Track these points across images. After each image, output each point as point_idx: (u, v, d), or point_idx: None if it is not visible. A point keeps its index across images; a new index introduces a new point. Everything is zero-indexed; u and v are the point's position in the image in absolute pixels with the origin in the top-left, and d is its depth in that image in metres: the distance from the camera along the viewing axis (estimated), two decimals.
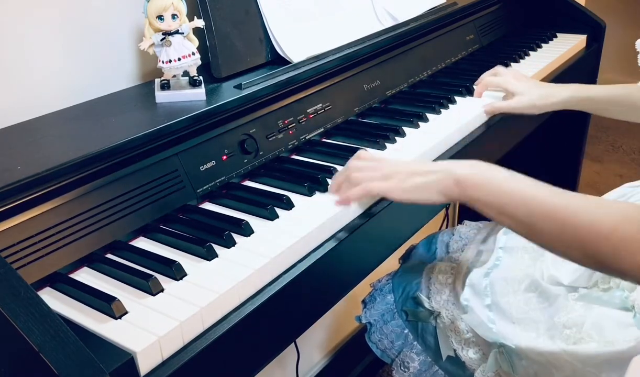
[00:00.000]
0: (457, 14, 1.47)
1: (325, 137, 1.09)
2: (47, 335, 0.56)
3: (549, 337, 0.92)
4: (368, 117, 1.18)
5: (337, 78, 1.13)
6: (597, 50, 1.70)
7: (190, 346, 0.65)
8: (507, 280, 1.01)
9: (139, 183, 0.82)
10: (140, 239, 0.81)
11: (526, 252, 1.05)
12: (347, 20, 1.23)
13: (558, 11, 1.74)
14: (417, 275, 1.14)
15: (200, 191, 0.88)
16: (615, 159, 3.16)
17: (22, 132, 0.86)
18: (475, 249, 1.15)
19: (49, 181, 0.73)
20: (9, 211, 0.70)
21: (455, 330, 1.03)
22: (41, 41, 0.92)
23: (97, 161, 0.78)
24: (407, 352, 1.08)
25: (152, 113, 0.91)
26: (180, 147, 0.87)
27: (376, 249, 0.93)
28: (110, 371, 0.57)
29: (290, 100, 1.04)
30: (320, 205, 0.87)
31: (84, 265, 0.76)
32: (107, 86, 1.00)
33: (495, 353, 0.97)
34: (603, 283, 0.93)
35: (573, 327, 0.91)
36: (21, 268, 0.69)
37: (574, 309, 0.92)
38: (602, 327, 0.88)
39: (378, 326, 1.11)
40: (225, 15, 1.03)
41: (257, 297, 0.72)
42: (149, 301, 0.68)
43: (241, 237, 0.80)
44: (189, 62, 0.95)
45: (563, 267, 0.97)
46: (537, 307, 0.96)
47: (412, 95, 1.27)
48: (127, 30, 1.03)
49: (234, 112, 0.95)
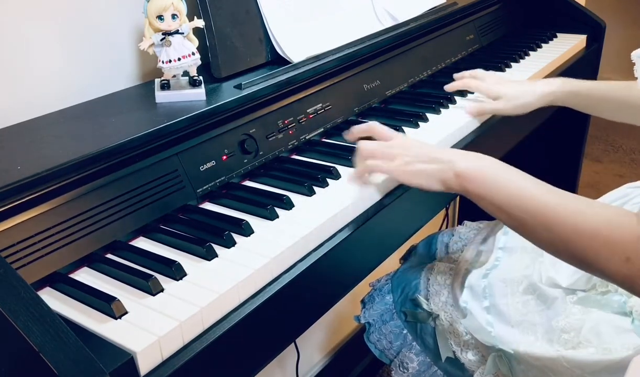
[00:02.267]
0: (457, 14, 1.47)
1: (325, 137, 1.09)
2: (47, 335, 0.56)
3: (547, 341, 0.92)
4: (368, 117, 1.18)
5: (337, 78, 1.13)
6: (597, 50, 1.70)
7: (190, 346, 0.65)
8: (506, 281, 1.01)
9: (138, 183, 0.82)
10: (140, 239, 0.81)
11: (525, 252, 1.05)
12: (347, 20, 1.23)
13: (558, 11, 1.74)
14: (416, 275, 1.14)
15: (200, 191, 0.88)
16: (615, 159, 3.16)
17: (22, 132, 0.86)
18: (475, 250, 1.15)
19: (49, 181, 0.73)
20: (9, 211, 0.70)
21: (454, 332, 1.03)
22: (41, 41, 0.92)
23: (97, 161, 0.78)
24: (406, 353, 1.08)
25: (152, 113, 0.91)
26: (180, 147, 0.87)
27: (376, 249, 0.93)
28: (110, 371, 0.57)
29: (290, 100, 1.04)
30: (320, 205, 0.87)
31: (84, 265, 0.76)
32: (107, 86, 1.00)
33: (494, 356, 0.97)
34: (601, 286, 0.93)
35: (571, 331, 0.90)
36: (21, 268, 0.69)
37: (572, 313, 0.92)
38: (600, 332, 0.88)
39: (377, 326, 1.11)
40: (225, 15, 1.03)
41: (257, 297, 0.72)
42: (149, 301, 0.68)
43: (241, 237, 0.80)
44: (189, 62, 0.95)
45: (562, 269, 0.97)
46: (535, 310, 0.96)
47: (412, 95, 1.27)
48: (127, 30, 1.03)
49: (234, 112, 0.95)
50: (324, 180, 0.92)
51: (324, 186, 0.91)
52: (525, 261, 1.03)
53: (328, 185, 0.92)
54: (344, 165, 0.97)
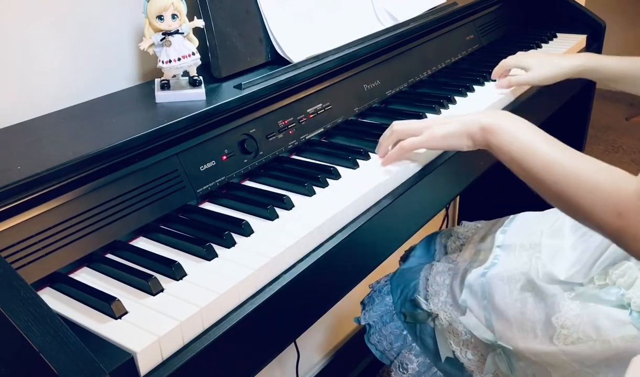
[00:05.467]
0: (457, 14, 1.47)
1: (325, 137, 1.09)
2: (47, 335, 0.56)
3: (546, 338, 0.93)
4: (368, 117, 1.18)
5: (337, 78, 1.13)
6: (597, 50, 1.70)
7: (190, 346, 0.65)
8: (504, 279, 1.01)
9: (139, 183, 0.82)
10: (140, 239, 0.81)
11: (523, 249, 1.05)
12: (347, 20, 1.23)
13: (558, 11, 1.74)
14: (415, 276, 1.14)
15: (200, 191, 0.88)
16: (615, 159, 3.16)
17: (22, 132, 0.86)
18: (473, 249, 1.15)
19: (49, 181, 0.73)
20: (9, 211, 0.70)
21: (454, 332, 1.03)
22: (41, 41, 0.92)
23: (97, 161, 0.78)
24: (406, 354, 1.08)
25: (152, 113, 0.91)
26: (180, 147, 0.87)
27: (376, 250, 0.93)
28: (110, 371, 0.57)
29: (290, 100, 1.04)
30: (320, 205, 0.87)
31: (84, 265, 0.76)
32: (107, 86, 1.00)
33: (493, 355, 0.98)
34: (599, 279, 0.93)
35: (570, 327, 0.91)
36: (21, 268, 0.69)
37: (571, 308, 0.92)
38: (599, 325, 0.89)
39: (377, 328, 1.11)
40: (225, 15, 1.03)
41: (257, 297, 0.72)
42: (149, 301, 0.68)
43: (241, 237, 0.80)
44: (189, 62, 0.95)
45: (560, 262, 0.97)
46: (534, 307, 0.96)
47: (412, 95, 1.27)
48: (127, 30, 1.03)
49: (234, 112, 0.95)
50: (324, 180, 0.92)
51: (324, 186, 0.91)
52: (523, 258, 1.03)
53: (328, 186, 0.92)
54: (344, 165, 0.97)
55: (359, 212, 0.88)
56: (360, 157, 0.99)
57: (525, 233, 1.07)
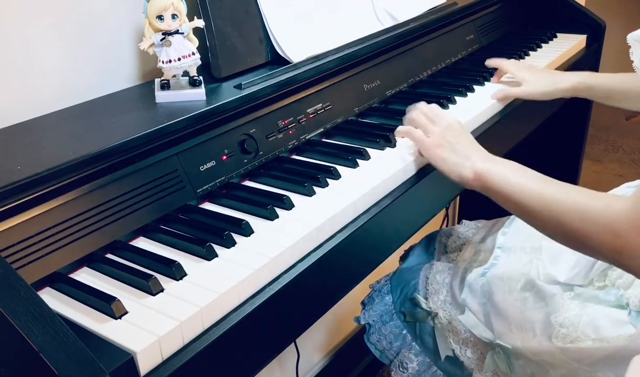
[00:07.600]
0: (457, 14, 1.47)
1: (325, 137, 1.09)
2: (47, 335, 0.56)
3: (545, 337, 0.93)
4: (368, 117, 1.18)
5: (337, 78, 1.13)
6: (597, 50, 1.70)
7: (190, 346, 0.65)
8: (504, 279, 1.01)
9: (139, 183, 0.82)
10: (140, 239, 0.82)
11: (524, 252, 1.05)
12: (347, 20, 1.23)
13: (558, 11, 1.74)
14: (415, 275, 1.14)
15: (200, 191, 0.88)
16: (615, 159, 3.16)
17: (22, 132, 0.86)
18: (473, 250, 1.15)
19: (49, 181, 0.73)
20: (9, 211, 0.70)
21: (453, 330, 1.03)
22: (41, 41, 0.92)
23: (97, 161, 0.78)
24: (405, 353, 1.08)
25: (152, 113, 0.91)
26: (180, 147, 0.87)
27: (376, 249, 0.93)
28: (110, 371, 0.57)
29: (290, 100, 1.04)
30: (320, 205, 0.87)
31: (84, 265, 0.76)
32: (107, 86, 1.00)
33: (492, 354, 0.98)
34: (599, 281, 0.94)
35: (569, 326, 0.91)
36: (21, 268, 0.69)
37: (570, 308, 0.93)
38: (598, 325, 0.89)
39: (377, 327, 1.12)
40: (225, 15, 1.03)
41: (257, 297, 0.72)
42: (149, 301, 0.68)
43: (241, 237, 0.80)
44: (189, 62, 0.95)
45: (560, 264, 0.98)
46: (533, 307, 0.96)
47: (412, 95, 1.27)
48: (127, 30, 1.03)
49: (234, 112, 0.95)
50: (324, 180, 0.92)
51: (324, 186, 0.91)
52: (524, 259, 1.03)
53: (328, 186, 0.92)
54: (344, 165, 0.97)
55: (358, 212, 0.88)
56: (360, 157, 0.99)
57: (525, 235, 1.07)
